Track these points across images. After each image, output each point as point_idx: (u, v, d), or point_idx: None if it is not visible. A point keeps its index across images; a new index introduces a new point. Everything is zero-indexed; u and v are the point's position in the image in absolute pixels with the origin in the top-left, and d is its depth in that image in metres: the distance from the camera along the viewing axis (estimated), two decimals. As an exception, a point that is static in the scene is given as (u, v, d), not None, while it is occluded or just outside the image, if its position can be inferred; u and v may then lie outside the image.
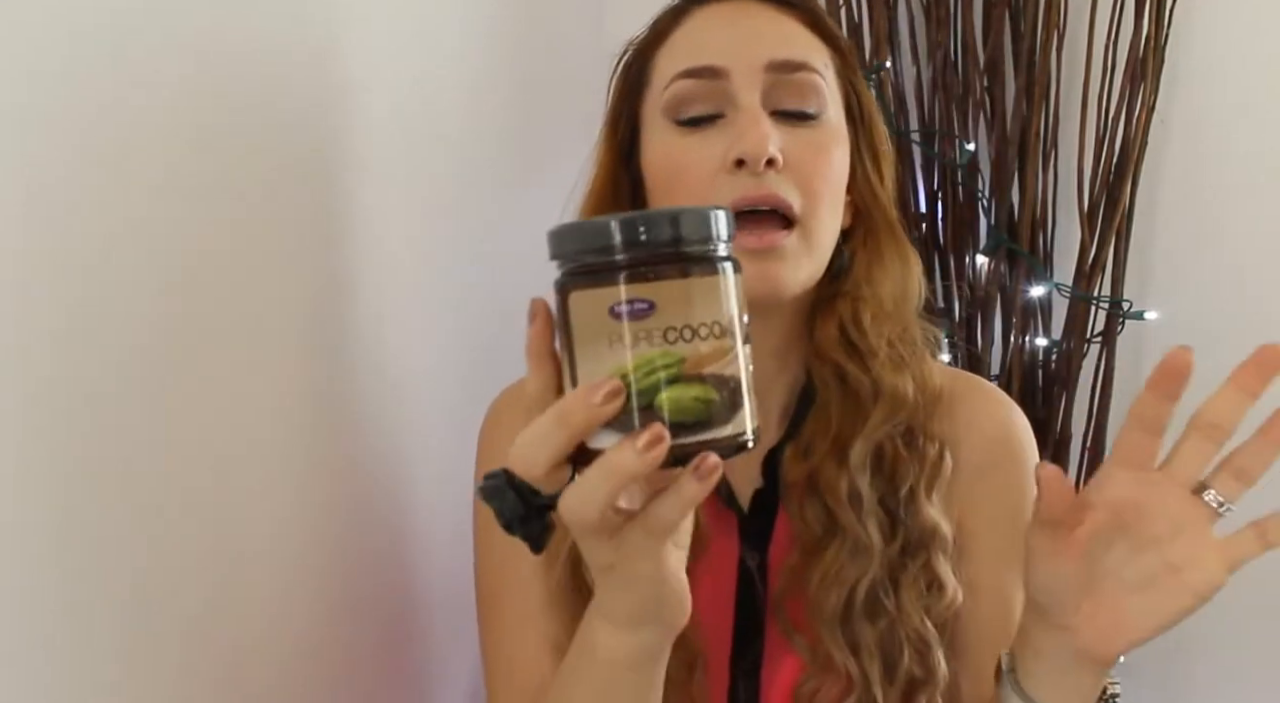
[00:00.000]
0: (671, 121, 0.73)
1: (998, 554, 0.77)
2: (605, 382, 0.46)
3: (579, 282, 0.47)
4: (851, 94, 0.77)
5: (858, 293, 0.76)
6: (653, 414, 0.46)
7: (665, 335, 0.46)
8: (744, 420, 0.48)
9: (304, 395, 0.78)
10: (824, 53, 0.76)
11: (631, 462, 0.45)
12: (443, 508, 0.94)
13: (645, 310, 0.46)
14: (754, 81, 0.72)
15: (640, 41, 0.79)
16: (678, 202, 0.73)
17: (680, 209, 0.48)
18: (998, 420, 0.80)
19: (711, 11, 0.76)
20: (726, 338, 0.47)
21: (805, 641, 0.72)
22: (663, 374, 0.46)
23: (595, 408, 0.46)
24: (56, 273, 0.55)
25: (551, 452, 0.48)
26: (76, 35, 0.57)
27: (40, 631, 0.54)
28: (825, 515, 0.72)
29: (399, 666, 0.91)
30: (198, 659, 0.66)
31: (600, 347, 0.46)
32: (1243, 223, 1.27)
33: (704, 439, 0.47)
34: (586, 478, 0.47)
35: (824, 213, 0.72)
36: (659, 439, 0.45)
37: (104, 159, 0.59)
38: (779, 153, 0.70)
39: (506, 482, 0.50)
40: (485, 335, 1.05)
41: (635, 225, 0.46)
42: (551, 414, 0.48)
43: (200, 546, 0.66)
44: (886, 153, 0.79)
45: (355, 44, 0.85)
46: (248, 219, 0.71)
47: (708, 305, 0.46)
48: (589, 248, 0.47)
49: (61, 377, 0.56)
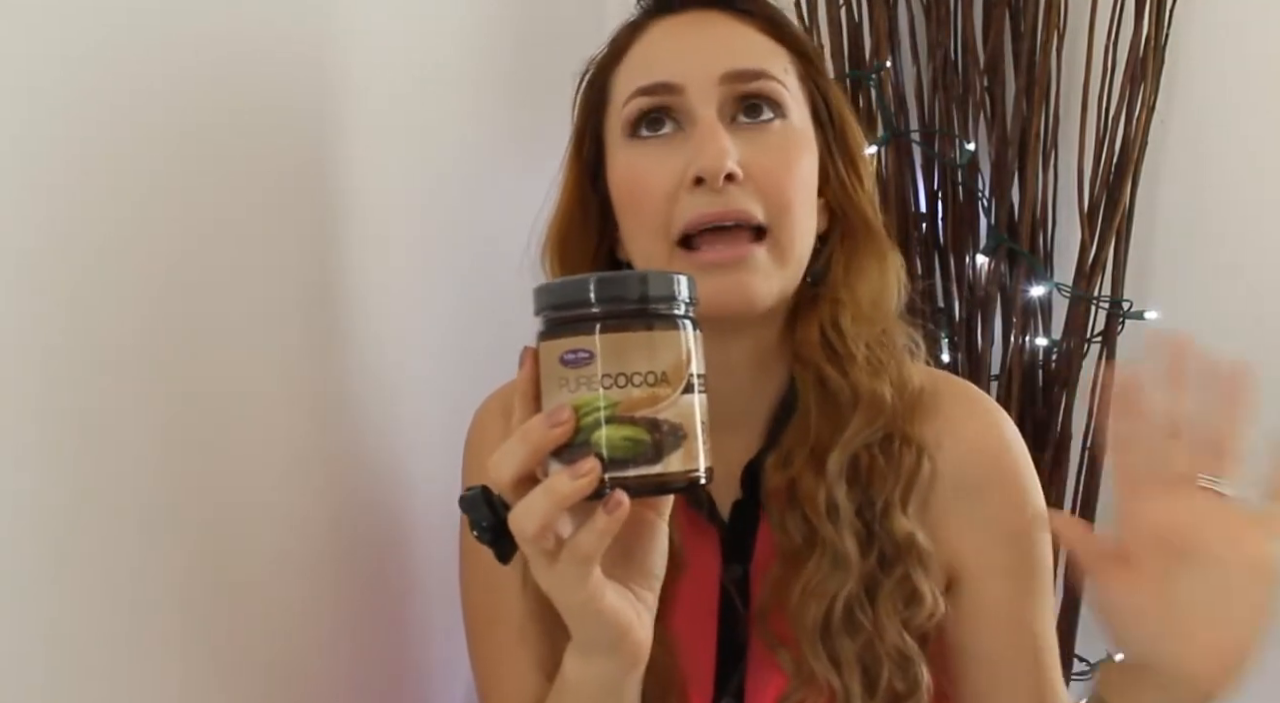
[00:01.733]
0: (630, 139, 0.73)
1: (1004, 574, 0.76)
2: (560, 409, 0.54)
3: (544, 333, 0.56)
4: (817, 96, 0.76)
5: (836, 296, 0.75)
6: (589, 449, 0.53)
7: (602, 381, 0.53)
8: (690, 460, 0.54)
9: (300, 396, 0.78)
10: (783, 58, 0.75)
11: (566, 485, 0.52)
12: (440, 507, 0.93)
13: (585, 359, 0.53)
14: (710, 94, 0.71)
15: (600, 59, 0.78)
16: (640, 219, 0.72)
17: (623, 274, 0.56)
18: (986, 433, 0.78)
19: (667, 25, 0.75)
20: (661, 386, 0.54)
21: (789, 654, 0.71)
22: (596, 415, 0.53)
23: (549, 429, 0.53)
24: (54, 273, 0.55)
25: (515, 466, 0.55)
26: (76, 34, 0.57)
27: (39, 631, 0.54)
28: (805, 526, 0.71)
29: (398, 666, 0.91)
30: (197, 660, 0.66)
31: (554, 388, 0.55)
32: (1243, 223, 1.27)
33: (639, 474, 0.53)
34: (531, 495, 0.54)
35: (792, 220, 0.71)
36: (589, 470, 0.52)
37: (102, 158, 0.59)
38: (737, 167, 0.69)
39: (482, 494, 0.58)
40: (481, 336, 1.05)
41: (582, 286, 0.54)
42: (518, 434, 0.55)
43: (198, 546, 0.66)
44: (862, 151, 0.78)
45: (354, 43, 0.85)
46: (244, 219, 0.71)
47: (642, 357, 0.53)
48: (548, 305, 0.56)
49: (58, 378, 0.56)
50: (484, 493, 0.58)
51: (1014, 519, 0.76)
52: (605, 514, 0.53)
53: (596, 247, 0.78)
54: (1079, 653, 1.32)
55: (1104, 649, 1.32)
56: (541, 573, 0.56)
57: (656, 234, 0.71)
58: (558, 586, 0.56)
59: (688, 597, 0.64)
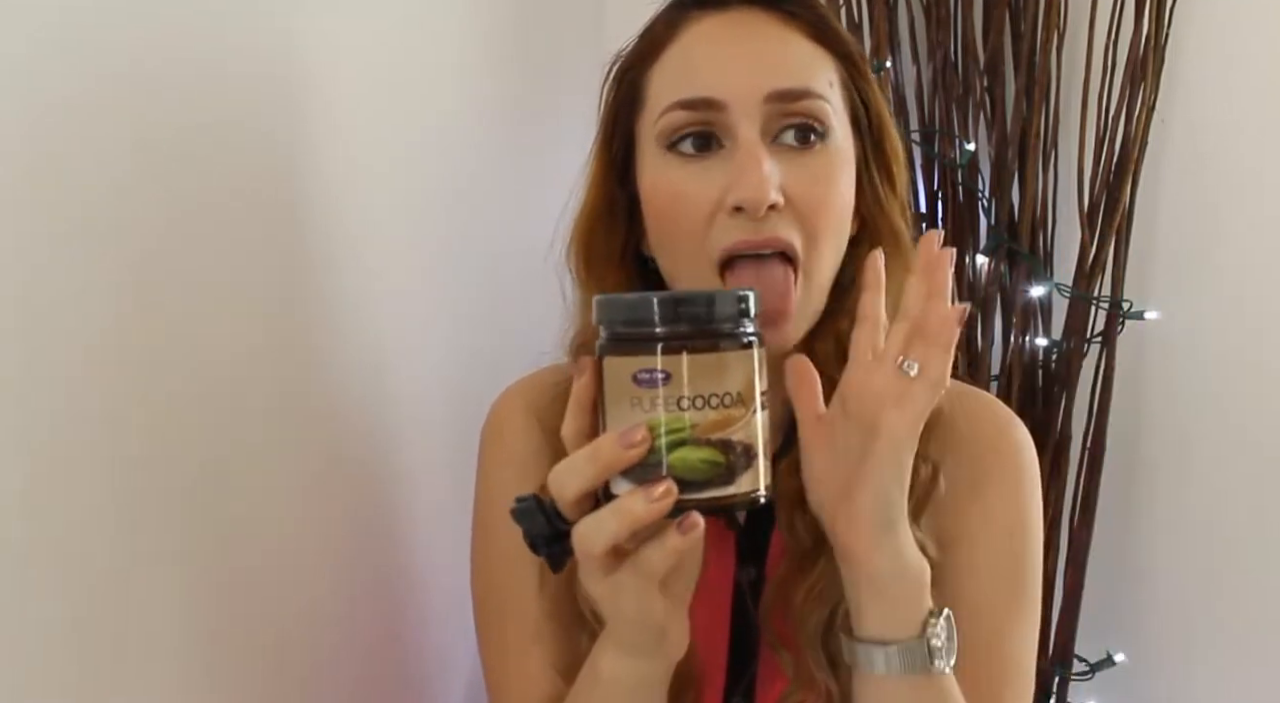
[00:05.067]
0: (667, 151, 0.71)
1: (987, 570, 0.74)
2: (635, 429, 0.53)
3: (612, 348, 0.55)
4: (859, 104, 0.74)
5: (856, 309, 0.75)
6: (659, 470, 0.53)
7: (679, 403, 0.53)
8: (755, 480, 0.54)
9: (301, 394, 0.78)
10: (829, 66, 0.73)
11: (641, 507, 0.52)
12: (442, 505, 0.94)
13: (662, 380, 0.53)
14: (753, 113, 0.69)
15: (632, 53, 0.76)
16: (675, 237, 0.72)
17: (695, 293, 0.55)
18: (995, 431, 0.77)
19: (707, 26, 0.72)
20: (735, 408, 0.53)
21: (790, 655, 0.71)
22: (673, 437, 0.53)
23: (623, 450, 0.53)
24: (54, 272, 0.55)
25: (582, 482, 0.54)
26: (78, 34, 0.57)
27: (38, 631, 0.55)
28: (815, 529, 0.70)
29: (398, 664, 0.91)
30: (196, 660, 0.66)
31: (624, 406, 0.54)
32: (1243, 223, 1.27)
33: (712, 497, 0.53)
34: (601, 513, 0.54)
35: (825, 249, 0.71)
36: (668, 493, 0.52)
37: (100, 159, 0.59)
38: (779, 195, 0.68)
39: (537, 505, 0.57)
40: (483, 333, 1.05)
41: (664, 304, 0.53)
42: (587, 449, 0.54)
43: (197, 547, 0.66)
44: (898, 157, 0.77)
45: (353, 43, 0.85)
46: (245, 221, 0.71)
47: (717, 378, 0.53)
48: (619, 320, 0.55)
49: (56, 378, 0.56)
50: (538, 503, 0.57)
51: (1007, 515, 0.75)
52: (679, 535, 0.53)
53: (623, 243, 0.77)
54: (1079, 653, 1.32)
55: (1104, 649, 1.32)
56: (595, 584, 0.57)
57: (694, 255, 0.71)
58: (613, 595, 0.57)
59: (703, 597, 0.64)
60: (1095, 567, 1.30)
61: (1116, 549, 1.33)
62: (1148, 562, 1.35)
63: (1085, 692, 1.34)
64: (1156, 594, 1.35)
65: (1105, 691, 1.33)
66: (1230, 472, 1.30)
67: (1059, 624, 1.30)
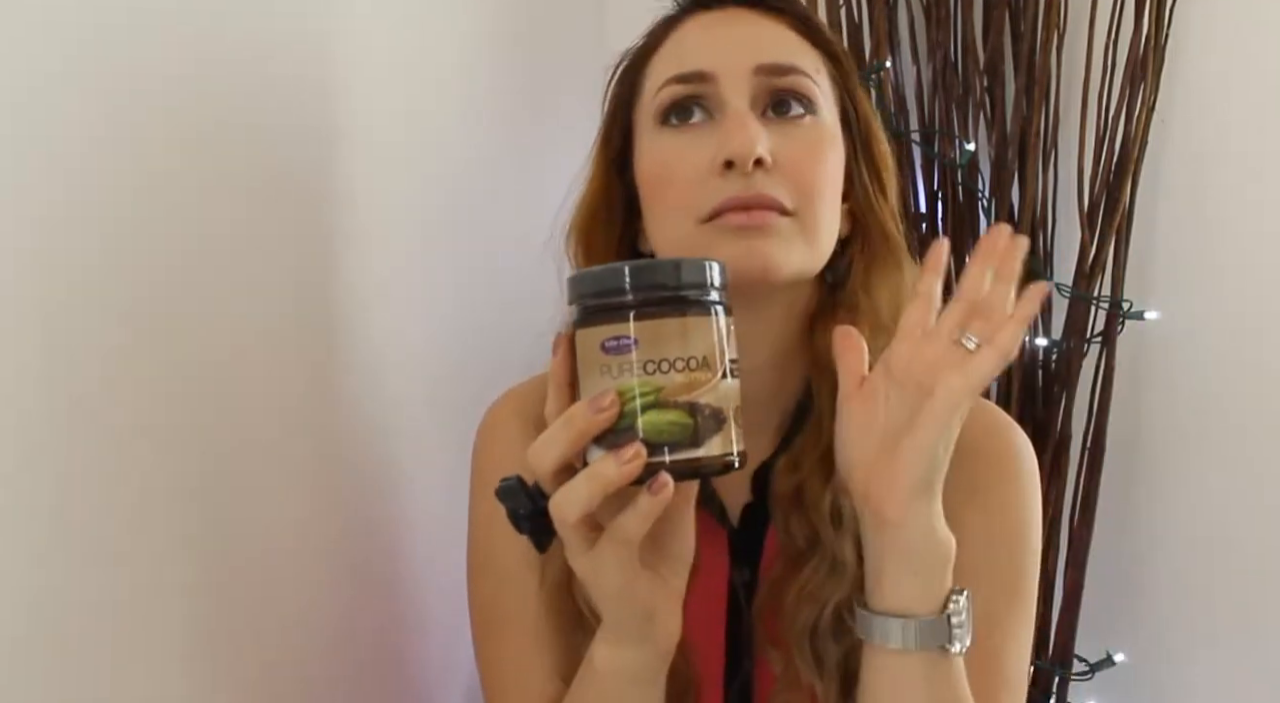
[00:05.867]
0: (661, 126, 0.73)
1: (984, 577, 0.72)
2: (605, 394, 0.54)
3: (581, 320, 0.56)
4: (847, 101, 0.76)
5: (854, 303, 0.75)
6: (633, 434, 0.54)
7: (645, 367, 0.54)
8: (726, 444, 0.55)
9: (302, 397, 0.78)
10: (816, 58, 0.75)
11: (611, 470, 0.53)
12: (441, 506, 0.94)
13: (627, 346, 0.54)
14: (742, 85, 0.71)
15: (634, 52, 0.79)
16: (668, 205, 0.73)
17: (660, 262, 0.58)
18: (995, 438, 0.77)
19: (702, 19, 0.76)
20: (701, 371, 0.55)
21: (779, 654, 0.71)
22: (641, 400, 0.54)
23: (594, 415, 0.54)
24: (59, 274, 0.55)
25: (558, 452, 0.55)
26: (77, 31, 0.57)
27: (38, 631, 0.54)
28: (808, 530, 0.71)
29: (398, 665, 0.91)
30: (196, 661, 0.66)
31: (594, 376, 0.55)
32: (1243, 223, 1.27)
33: (684, 458, 0.54)
34: (574, 480, 0.55)
35: (819, 207, 0.71)
36: (636, 455, 0.53)
37: (100, 158, 0.59)
38: (767, 153, 0.69)
39: (519, 484, 0.59)
40: (484, 336, 1.05)
41: (620, 274, 0.55)
42: (560, 420, 0.55)
43: (196, 548, 0.66)
44: (886, 163, 0.78)
45: (355, 45, 0.85)
46: (245, 223, 0.71)
47: (682, 342, 0.54)
48: (586, 293, 0.56)
49: (57, 378, 0.56)
50: (520, 483, 0.59)
51: (1007, 524, 0.74)
52: (650, 496, 0.54)
53: (620, 237, 0.78)
54: (1079, 653, 1.32)
55: (1104, 649, 1.32)
56: (579, 559, 0.57)
57: (684, 216, 0.71)
58: (595, 570, 0.57)
59: (698, 598, 0.64)
60: (1095, 567, 1.30)
61: (1116, 549, 1.33)
62: (1148, 562, 1.35)
63: (1085, 692, 1.34)
64: (1156, 594, 1.35)
65: (1105, 691, 1.33)
66: (1230, 472, 1.30)
67: (1059, 624, 1.30)
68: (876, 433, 0.62)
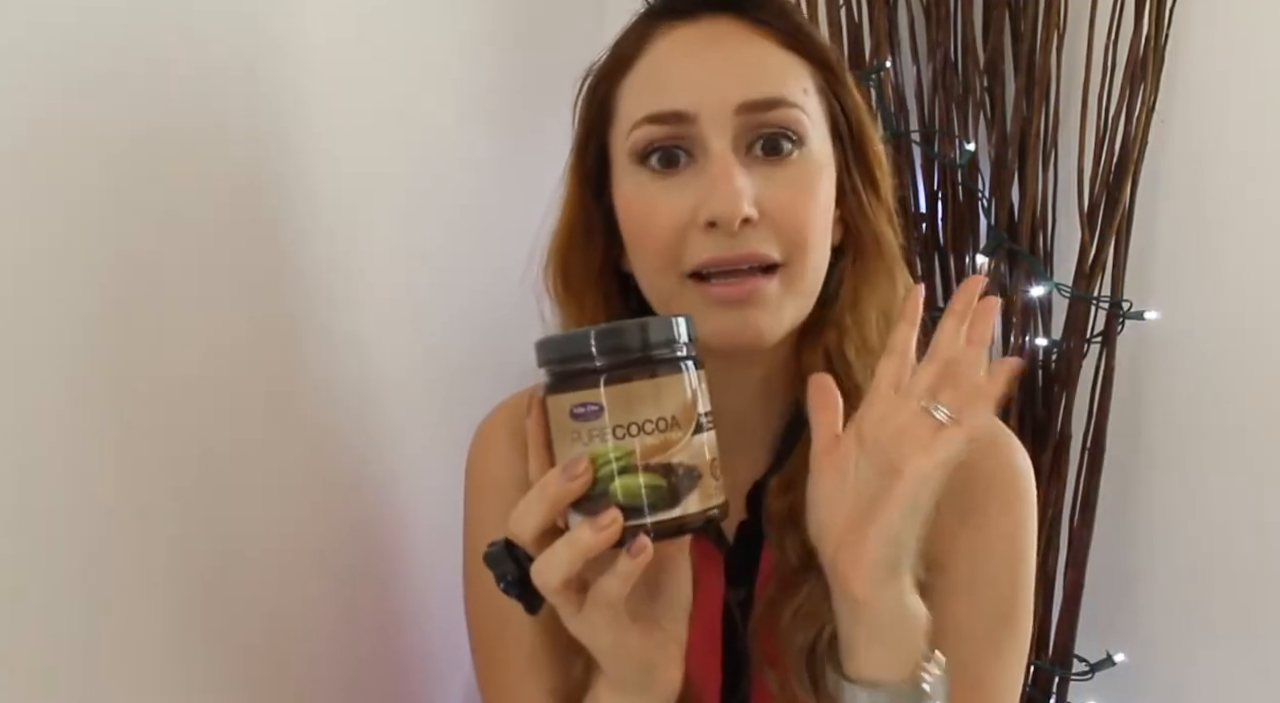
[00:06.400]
0: (639, 165, 0.69)
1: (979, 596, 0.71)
2: (577, 461, 0.55)
3: (551, 387, 0.57)
4: (837, 110, 0.73)
5: (842, 321, 0.73)
6: (608, 500, 0.54)
7: (615, 432, 0.54)
8: (705, 499, 0.56)
9: (300, 402, 0.78)
10: (802, 74, 0.71)
11: (589, 536, 0.54)
12: (440, 511, 0.94)
13: (595, 412, 0.54)
14: (724, 125, 0.67)
15: (602, 68, 0.74)
16: (649, 254, 0.70)
17: (624, 323, 0.56)
18: (995, 457, 0.74)
19: (677, 37, 0.70)
20: (673, 430, 0.55)
21: (776, 675, 0.70)
22: (615, 465, 0.54)
23: (567, 482, 0.55)
24: (46, 272, 0.55)
25: (536, 520, 0.56)
26: (64, 35, 0.57)
27: (37, 632, 0.54)
28: (803, 549, 0.68)
29: (398, 667, 0.91)
30: (196, 662, 0.66)
31: (566, 441, 0.56)
32: (1243, 223, 1.27)
33: (664, 518, 0.55)
34: (553, 547, 0.55)
35: (809, 252, 0.69)
36: (613, 521, 0.54)
37: (97, 158, 0.59)
38: (753, 209, 0.66)
39: (506, 548, 0.58)
40: (482, 340, 1.05)
41: (584, 339, 0.55)
42: (536, 488, 0.56)
43: (199, 550, 0.66)
44: (880, 163, 0.75)
45: (350, 41, 0.85)
46: (245, 225, 0.71)
47: (654, 403, 0.54)
48: (552, 359, 0.56)
49: (46, 383, 0.56)
50: (507, 547, 0.58)
51: (1000, 544, 0.73)
52: (629, 559, 0.54)
53: (602, 261, 0.75)
54: (1079, 653, 1.32)
55: (1104, 649, 1.32)
56: (570, 621, 0.58)
57: (666, 269, 0.69)
58: (587, 631, 0.58)
59: (694, 619, 0.63)
60: (1095, 567, 1.30)
61: (1116, 549, 1.33)
62: (1148, 562, 1.35)
63: (1085, 692, 1.34)
64: (1156, 594, 1.35)
65: (1105, 691, 1.33)
66: (1230, 472, 1.30)
67: (1059, 624, 1.30)
68: (847, 501, 0.61)
